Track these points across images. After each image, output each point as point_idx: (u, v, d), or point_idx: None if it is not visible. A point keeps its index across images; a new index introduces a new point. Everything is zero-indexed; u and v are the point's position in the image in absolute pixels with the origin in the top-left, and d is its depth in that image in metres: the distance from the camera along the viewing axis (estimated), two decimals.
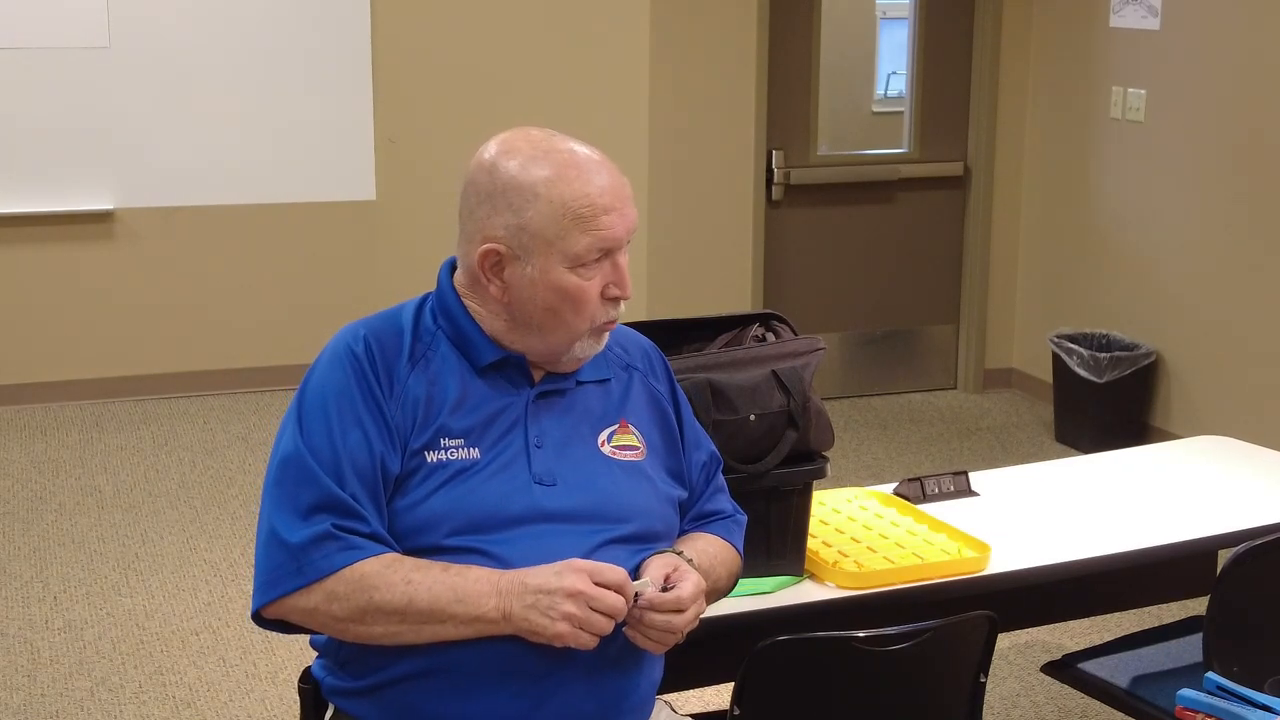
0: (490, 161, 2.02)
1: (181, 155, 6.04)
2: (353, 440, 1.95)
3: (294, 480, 1.95)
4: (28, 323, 6.02)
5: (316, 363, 2.04)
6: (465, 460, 1.99)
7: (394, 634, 1.92)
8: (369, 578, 1.90)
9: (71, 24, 5.83)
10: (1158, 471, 3.13)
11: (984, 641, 2.23)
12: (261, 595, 1.95)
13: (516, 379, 2.06)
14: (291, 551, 1.92)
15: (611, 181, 2.00)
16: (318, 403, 1.99)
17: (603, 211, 1.98)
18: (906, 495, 2.87)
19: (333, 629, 1.95)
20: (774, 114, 6.11)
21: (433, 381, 2.01)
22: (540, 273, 1.99)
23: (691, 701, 3.37)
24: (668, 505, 2.13)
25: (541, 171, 1.98)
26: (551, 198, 1.97)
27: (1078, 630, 4.02)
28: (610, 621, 1.91)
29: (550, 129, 2.06)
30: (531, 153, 2.00)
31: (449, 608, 1.89)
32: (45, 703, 3.64)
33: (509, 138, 2.04)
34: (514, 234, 1.98)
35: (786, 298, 6.22)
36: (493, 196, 2.00)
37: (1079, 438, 5.65)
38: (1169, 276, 5.59)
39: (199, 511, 4.90)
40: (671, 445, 2.18)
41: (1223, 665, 2.44)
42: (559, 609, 1.88)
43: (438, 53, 6.14)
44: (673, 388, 2.23)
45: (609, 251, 2.00)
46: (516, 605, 1.89)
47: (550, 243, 1.97)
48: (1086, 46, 5.93)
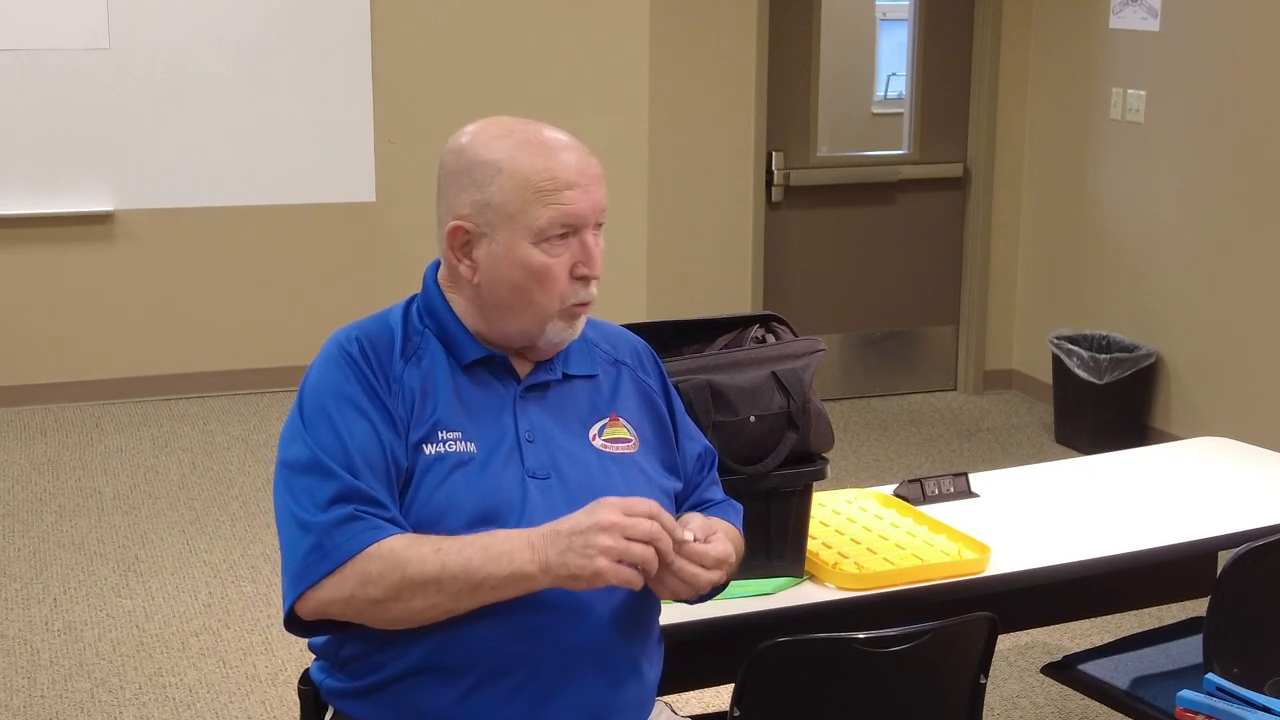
0: (460, 144, 2.04)
1: (181, 156, 6.04)
2: (360, 432, 1.95)
3: (309, 478, 1.95)
4: (27, 324, 6.02)
5: (310, 369, 2.04)
6: (463, 453, 1.99)
7: (433, 605, 1.89)
8: (398, 552, 1.88)
9: (71, 24, 5.83)
10: (1158, 472, 3.13)
11: (984, 643, 2.23)
12: (294, 589, 1.94)
13: (502, 375, 2.07)
14: (316, 536, 1.92)
15: (577, 159, 2.00)
16: (317, 405, 1.99)
17: (565, 186, 1.98)
18: (906, 496, 2.87)
19: (371, 614, 1.92)
20: (774, 115, 6.11)
21: (425, 376, 2.02)
22: (505, 249, 1.99)
23: (691, 702, 3.37)
24: (663, 497, 2.13)
25: (505, 148, 1.99)
26: (513, 172, 1.97)
27: (1078, 631, 4.02)
28: (650, 549, 1.86)
29: (525, 118, 2.06)
30: (498, 132, 2.02)
31: (484, 568, 1.87)
32: (45, 704, 3.64)
33: (481, 123, 2.06)
34: (479, 210, 1.99)
35: (786, 299, 6.22)
36: (458, 175, 2.02)
37: (1079, 439, 5.65)
38: (1169, 277, 5.59)
39: (199, 513, 4.90)
40: (664, 438, 2.18)
41: (1223, 666, 2.44)
42: (595, 544, 1.85)
43: (438, 54, 6.15)
44: (663, 382, 2.22)
45: (575, 229, 2.00)
46: (552, 552, 1.87)
47: (512, 217, 1.97)
48: (1086, 47, 5.93)
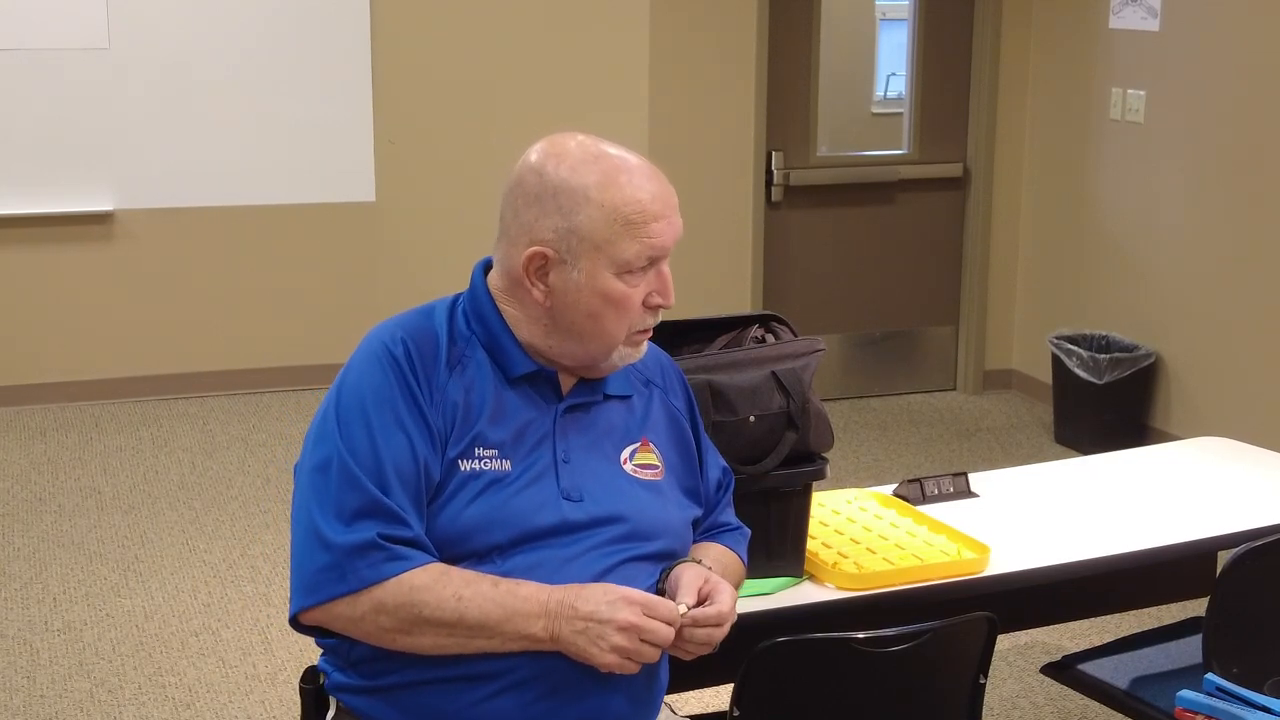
0: (539, 164, 1.98)
1: (181, 156, 6.04)
2: (396, 444, 1.92)
3: (336, 483, 1.92)
4: (27, 324, 6.02)
5: (351, 362, 2.01)
6: (498, 471, 1.97)
7: (442, 646, 1.91)
8: (418, 591, 1.88)
9: (71, 24, 5.83)
10: (1157, 472, 3.13)
11: (983, 643, 2.23)
12: (303, 598, 1.92)
13: (546, 392, 2.05)
14: (335, 557, 1.89)
15: (661, 189, 1.98)
16: (356, 404, 1.95)
17: (653, 219, 1.96)
18: (906, 496, 2.87)
19: (378, 639, 1.92)
20: (774, 115, 6.11)
21: (469, 388, 1.99)
22: (587, 278, 1.96)
23: (691, 702, 3.37)
24: (686, 525, 2.14)
25: (593, 175, 1.95)
26: (603, 202, 1.94)
27: (1077, 631, 4.02)
28: (658, 651, 1.91)
29: (592, 134, 2.03)
30: (582, 156, 1.97)
31: (498, 625, 1.89)
32: (44, 704, 3.64)
33: (556, 140, 2.01)
34: (563, 237, 1.96)
35: (786, 299, 6.22)
36: (541, 199, 1.97)
37: (1079, 439, 5.65)
38: (1168, 277, 5.59)
39: (198, 513, 4.90)
40: (689, 464, 2.18)
41: (1222, 666, 2.44)
42: (609, 640, 1.88)
43: (437, 54, 6.14)
44: (689, 403, 2.22)
45: (655, 259, 1.98)
46: (566, 629, 1.89)
47: (599, 247, 1.95)
48: (1086, 47, 5.93)
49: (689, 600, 1.96)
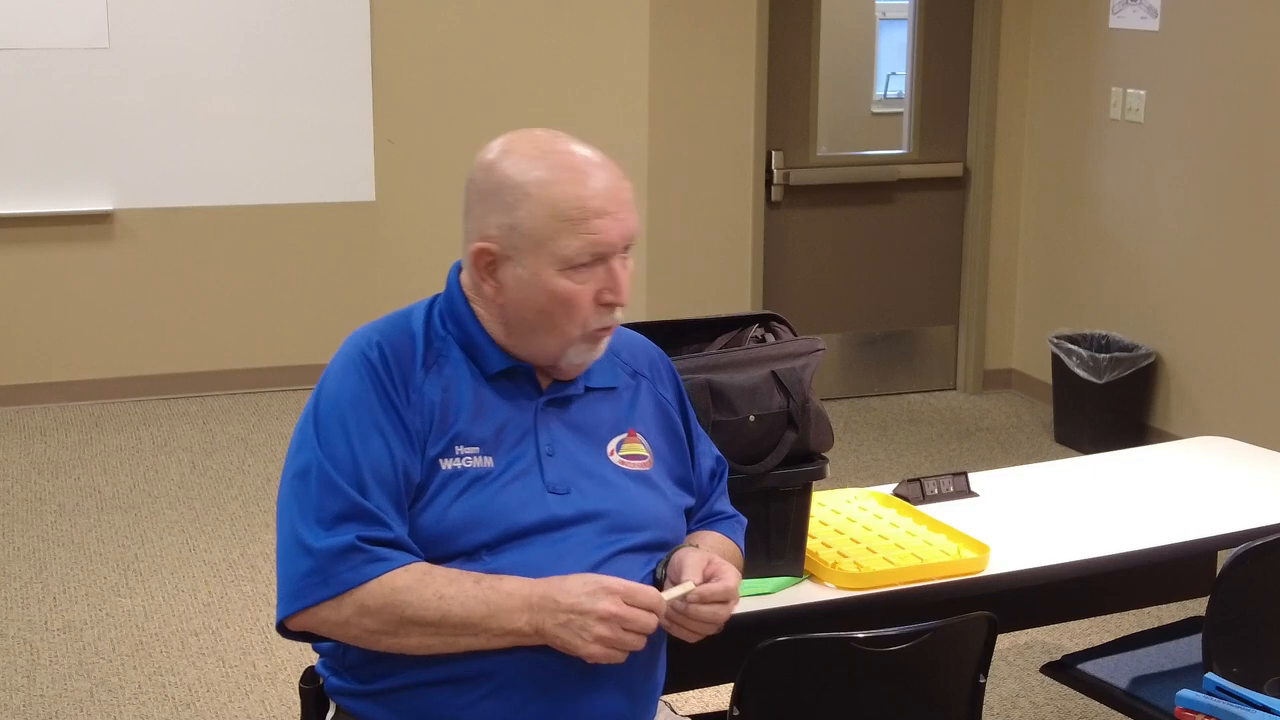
0: (490, 160, 2.00)
1: (181, 156, 6.04)
2: (373, 447, 1.93)
3: (315, 490, 1.93)
4: (27, 323, 6.02)
5: (329, 370, 2.01)
6: (480, 469, 1.97)
7: (428, 645, 1.91)
8: (400, 592, 1.88)
9: (71, 24, 5.83)
10: (1157, 472, 3.13)
11: (983, 642, 2.23)
12: (287, 605, 1.94)
13: (525, 387, 2.05)
14: (317, 561, 1.91)
15: (609, 185, 1.97)
16: (334, 411, 1.96)
17: (594, 215, 1.94)
18: (906, 496, 2.87)
19: (365, 641, 1.93)
20: (774, 114, 6.11)
21: (446, 388, 1.99)
22: (531, 274, 1.96)
23: (691, 702, 3.37)
24: (678, 515, 2.14)
25: (536, 171, 1.95)
26: (542, 198, 1.94)
27: (1077, 631, 4.02)
28: (643, 639, 1.91)
29: (557, 131, 2.04)
30: (530, 152, 1.98)
31: (483, 621, 1.89)
32: (44, 704, 3.64)
33: (512, 137, 2.02)
34: (506, 233, 1.96)
35: (786, 298, 6.22)
36: (486, 195, 1.98)
37: (1079, 438, 5.65)
38: (1169, 277, 5.59)
39: (198, 512, 4.90)
40: (679, 454, 2.17)
41: (1222, 666, 2.44)
42: (592, 631, 1.88)
43: (437, 53, 6.15)
44: (680, 395, 2.22)
45: (603, 256, 1.97)
46: (549, 623, 1.89)
47: (540, 244, 1.95)
48: (1086, 47, 5.93)
49: (695, 579, 1.96)
